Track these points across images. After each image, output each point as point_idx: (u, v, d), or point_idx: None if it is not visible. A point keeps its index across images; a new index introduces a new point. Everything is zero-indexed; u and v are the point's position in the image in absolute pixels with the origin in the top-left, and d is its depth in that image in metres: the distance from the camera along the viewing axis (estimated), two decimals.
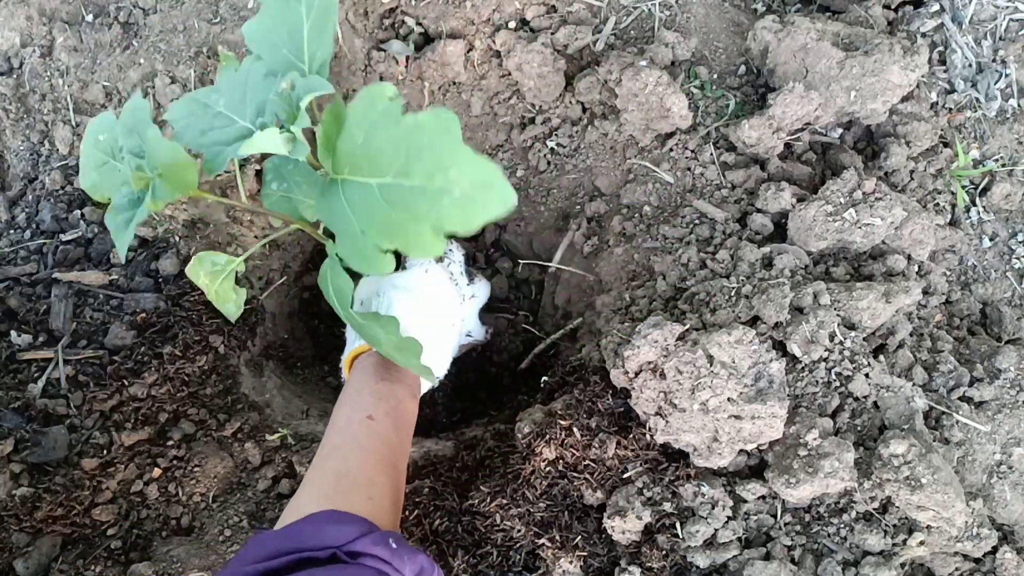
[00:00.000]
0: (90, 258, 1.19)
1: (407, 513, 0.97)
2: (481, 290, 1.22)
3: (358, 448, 0.83)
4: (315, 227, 0.92)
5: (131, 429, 1.04)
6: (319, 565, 0.64)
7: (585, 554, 0.92)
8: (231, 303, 0.91)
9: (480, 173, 0.57)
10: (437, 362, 1.03)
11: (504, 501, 0.96)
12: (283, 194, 0.90)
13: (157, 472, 1.02)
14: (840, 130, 1.21)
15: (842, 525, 0.92)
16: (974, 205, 1.18)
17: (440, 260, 1.13)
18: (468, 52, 1.27)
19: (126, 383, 1.07)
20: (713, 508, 0.91)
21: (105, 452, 1.02)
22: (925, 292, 1.08)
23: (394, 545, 0.67)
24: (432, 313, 1.04)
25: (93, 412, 1.04)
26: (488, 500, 0.97)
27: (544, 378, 1.16)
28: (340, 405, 0.91)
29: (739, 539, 0.92)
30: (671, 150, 1.20)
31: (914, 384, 0.96)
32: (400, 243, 0.63)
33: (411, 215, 0.61)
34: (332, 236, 0.76)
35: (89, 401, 1.05)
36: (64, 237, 1.20)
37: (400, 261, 1.11)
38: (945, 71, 1.21)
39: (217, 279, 0.88)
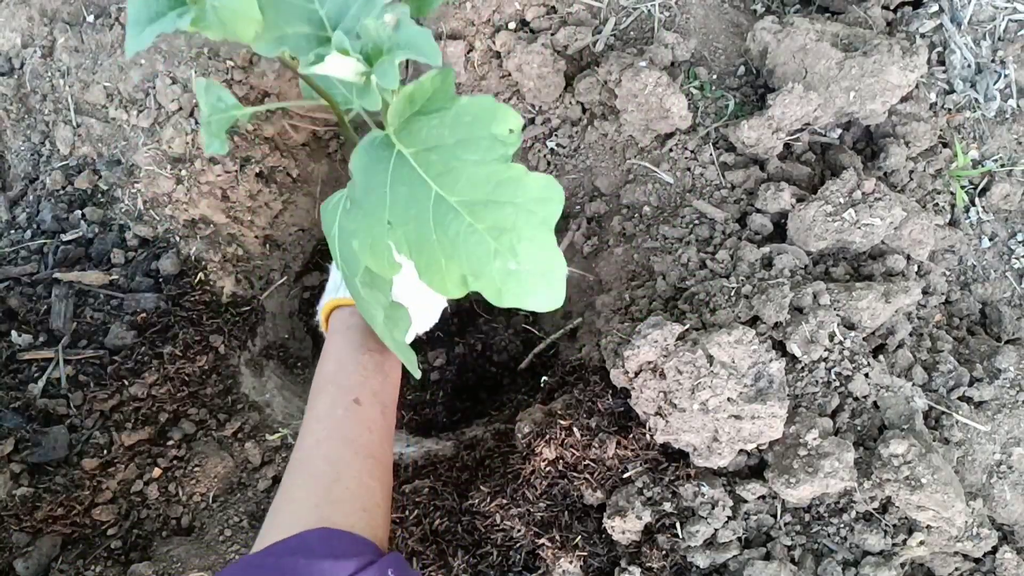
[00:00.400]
0: (90, 258, 1.19)
1: (407, 513, 0.97)
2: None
3: (346, 444, 0.75)
4: (344, 113, 0.80)
5: (131, 429, 1.04)
6: None
7: (585, 554, 0.92)
8: (218, 141, 0.75)
9: (547, 265, 0.54)
10: (428, 314, 0.96)
11: (504, 501, 0.96)
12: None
13: (157, 472, 1.02)
14: (839, 130, 1.21)
15: (842, 525, 0.92)
16: (973, 205, 1.18)
17: None
18: (468, 53, 1.28)
19: (126, 383, 1.07)
20: (713, 508, 0.91)
21: (105, 452, 1.02)
22: (925, 292, 1.08)
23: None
24: (416, 296, 0.95)
25: (93, 412, 1.04)
26: (488, 500, 0.97)
27: (544, 378, 1.16)
28: (321, 382, 0.82)
29: (739, 539, 0.92)
30: (671, 150, 1.20)
31: (914, 384, 0.97)
32: (419, 258, 0.59)
33: (452, 247, 0.57)
34: (356, 127, 0.68)
35: (89, 401, 1.05)
36: (64, 237, 1.20)
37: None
38: (944, 71, 1.22)
39: (216, 113, 0.75)
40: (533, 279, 0.55)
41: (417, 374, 0.77)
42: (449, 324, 1.47)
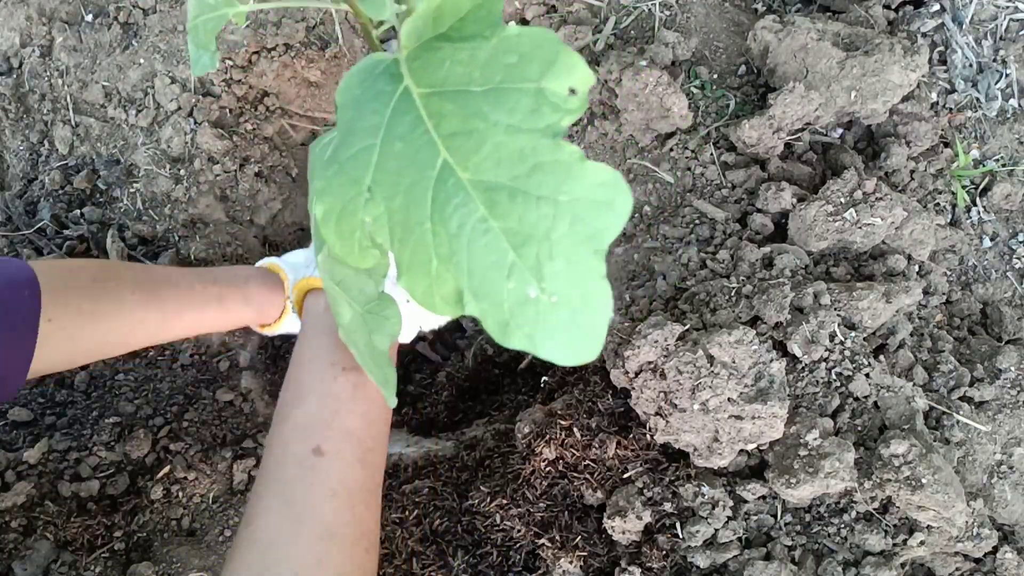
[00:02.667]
0: (90, 258, 1.19)
1: (407, 513, 0.97)
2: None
3: (291, 521, 0.54)
4: (371, 24, 0.60)
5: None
6: None
7: (585, 554, 0.92)
8: (207, 53, 0.62)
9: (585, 301, 0.37)
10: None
11: (504, 501, 0.96)
12: None
13: (164, 471, 1.01)
14: (840, 130, 1.21)
15: (842, 525, 0.92)
16: (974, 205, 1.18)
17: None
18: None
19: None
20: (713, 508, 0.91)
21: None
22: (925, 292, 1.08)
23: None
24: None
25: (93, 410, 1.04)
26: (488, 500, 0.97)
27: (544, 378, 1.16)
28: (279, 414, 0.62)
29: (739, 539, 0.92)
30: (671, 150, 1.20)
31: (914, 384, 0.96)
32: (401, 250, 0.41)
33: (451, 245, 0.39)
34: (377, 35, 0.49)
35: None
36: (63, 236, 1.20)
37: None
38: (945, 71, 1.21)
39: (204, 13, 0.60)
40: (560, 318, 0.37)
41: (393, 402, 0.54)
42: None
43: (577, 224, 0.38)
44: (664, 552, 0.91)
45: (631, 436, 0.97)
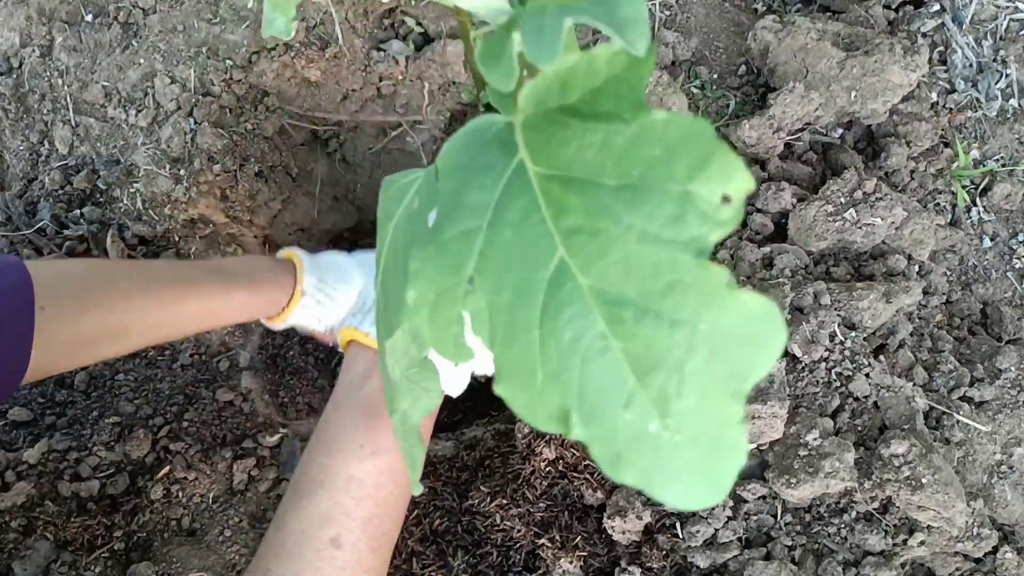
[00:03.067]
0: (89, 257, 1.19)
1: (407, 513, 0.97)
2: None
3: None
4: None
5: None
6: None
7: (585, 554, 0.92)
8: (284, 18, 0.50)
9: (715, 445, 0.31)
10: (466, 375, 0.76)
11: (504, 501, 0.96)
12: None
13: (164, 471, 1.01)
14: (840, 130, 1.21)
15: (842, 525, 0.92)
16: (974, 205, 1.18)
17: None
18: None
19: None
20: (713, 508, 0.91)
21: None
22: (925, 292, 1.08)
23: None
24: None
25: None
26: (488, 500, 0.97)
27: None
28: (296, 490, 0.60)
29: (739, 539, 0.92)
30: None
31: (914, 384, 0.96)
32: (502, 354, 0.35)
33: (560, 360, 0.33)
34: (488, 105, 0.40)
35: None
36: (64, 236, 1.19)
37: None
38: (945, 71, 1.21)
39: None
40: (684, 460, 0.32)
41: (418, 489, 0.49)
42: None
43: (716, 359, 0.32)
44: (664, 552, 0.91)
45: None
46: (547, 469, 0.97)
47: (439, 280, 0.37)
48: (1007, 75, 1.20)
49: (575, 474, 0.97)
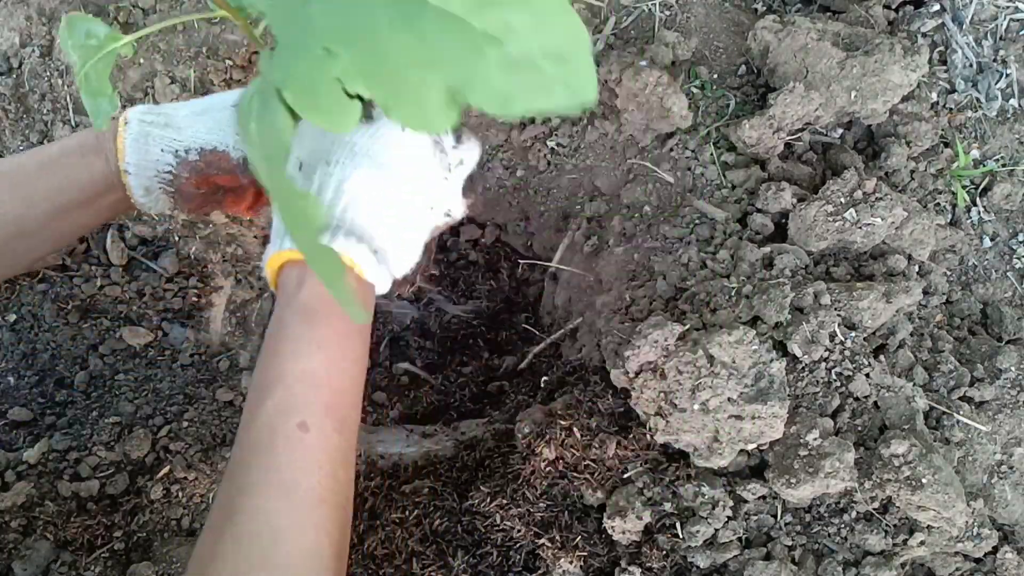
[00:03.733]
0: (89, 257, 1.19)
1: (407, 513, 0.97)
2: (469, 153, 0.80)
3: (286, 493, 0.58)
4: (248, 21, 0.57)
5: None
6: None
7: (585, 554, 0.92)
8: (105, 98, 0.58)
9: (562, 41, 0.36)
10: (400, 256, 0.70)
11: (504, 501, 0.96)
12: None
13: (164, 471, 1.01)
14: (840, 130, 1.21)
15: (843, 525, 0.92)
16: (975, 205, 1.18)
17: None
18: None
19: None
20: (713, 508, 0.91)
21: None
22: (925, 292, 1.08)
23: None
24: (405, 192, 0.70)
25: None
26: (488, 500, 0.97)
27: (544, 378, 1.16)
28: (256, 394, 0.63)
29: (739, 539, 0.92)
30: (671, 150, 1.20)
31: (915, 384, 0.96)
32: (384, 94, 0.41)
33: (422, 57, 0.39)
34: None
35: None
36: None
37: (365, 109, 0.67)
38: (946, 71, 1.21)
39: (91, 57, 0.57)
40: (545, 66, 0.37)
41: (360, 318, 0.54)
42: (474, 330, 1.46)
43: None
44: (664, 552, 0.91)
45: (631, 436, 0.97)
46: (547, 469, 0.97)
47: (298, 71, 0.43)
48: (1007, 75, 1.20)
49: (575, 474, 0.97)
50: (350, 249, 0.65)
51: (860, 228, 1.03)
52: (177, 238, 1.21)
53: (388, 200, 0.68)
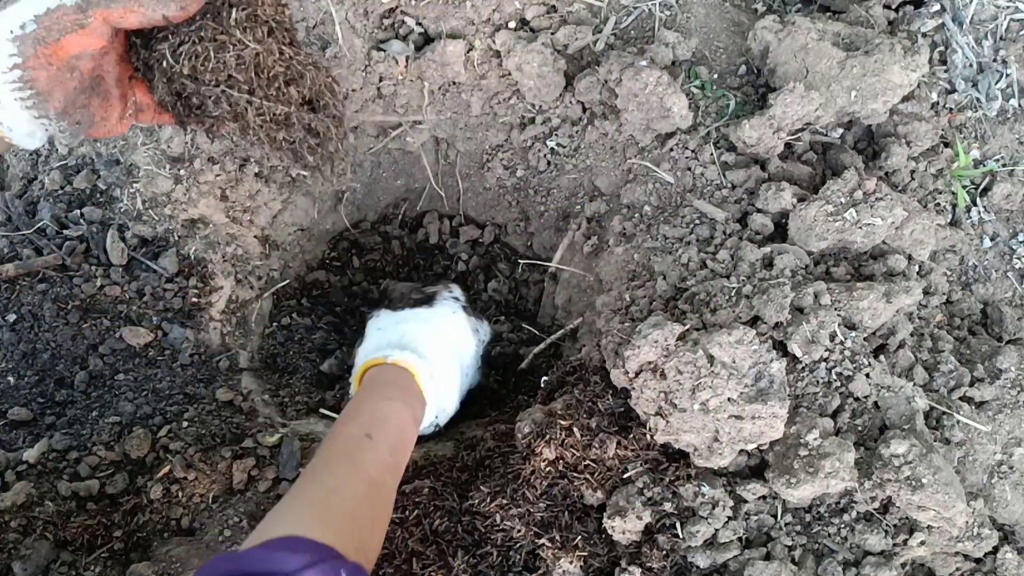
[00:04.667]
0: (90, 257, 1.19)
1: (407, 513, 0.97)
2: (487, 333, 1.27)
3: (350, 467, 0.81)
4: None
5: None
6: None
7: (585, 554, 0.92)
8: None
9: None
10: (448, 403, 1.09)
11: (504, 501, 0.96)
12: None
13: (164, 471, 1.01)
14: (840, 130, 1.21)
15: (843, 525, 0.92)
16: (975, 205, 1.18)
17: (464, 308, 1.21)
18: (468, 52, 1.27)
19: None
20: (713, 508, 0.91)
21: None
22: (926, 292, 1.08)
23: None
24: (452, 353, 1.10)
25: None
26: (488, 500, 0.97)
27: (544, 378, 1.16)
28: (341, 419, 0.91)
29: (739, 539, 0.92)
30: (671, 150, 1.20)
31: (915, 384, 0.96)
32: None
33: None
34: None
35: None
36: (64, 235, 1.19)
37: (428, 299, 1.19)
38: (946, 71, 1.21)
39: None
40: None
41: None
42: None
43: None
44: (664, 552, 0.91)
45: (631, 436, 0.97)
46: (547, 469, 0.97)
47: None
48: (1007, 75, 1.20)
49: (575, 474, 0.97)
50: (407, 356, 1.02)
51: (860, 228, 1.03)
52: (177, 238, 1.21)
53: (439, 348, 1.08)
